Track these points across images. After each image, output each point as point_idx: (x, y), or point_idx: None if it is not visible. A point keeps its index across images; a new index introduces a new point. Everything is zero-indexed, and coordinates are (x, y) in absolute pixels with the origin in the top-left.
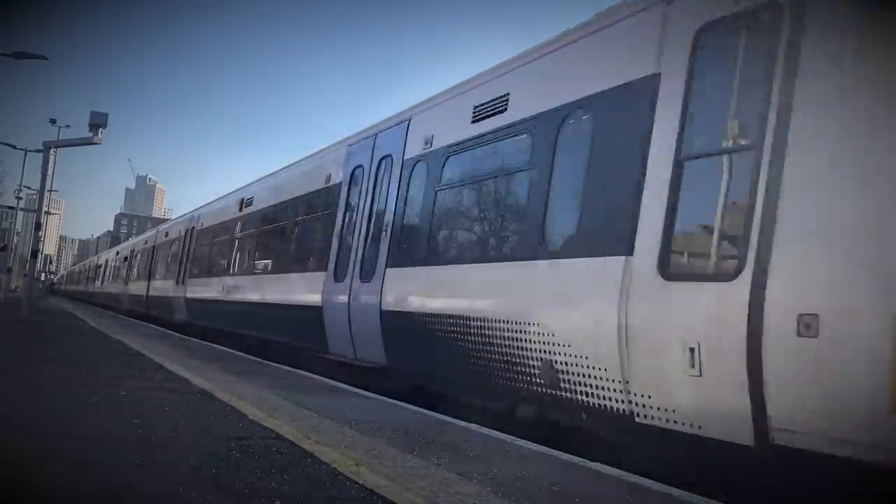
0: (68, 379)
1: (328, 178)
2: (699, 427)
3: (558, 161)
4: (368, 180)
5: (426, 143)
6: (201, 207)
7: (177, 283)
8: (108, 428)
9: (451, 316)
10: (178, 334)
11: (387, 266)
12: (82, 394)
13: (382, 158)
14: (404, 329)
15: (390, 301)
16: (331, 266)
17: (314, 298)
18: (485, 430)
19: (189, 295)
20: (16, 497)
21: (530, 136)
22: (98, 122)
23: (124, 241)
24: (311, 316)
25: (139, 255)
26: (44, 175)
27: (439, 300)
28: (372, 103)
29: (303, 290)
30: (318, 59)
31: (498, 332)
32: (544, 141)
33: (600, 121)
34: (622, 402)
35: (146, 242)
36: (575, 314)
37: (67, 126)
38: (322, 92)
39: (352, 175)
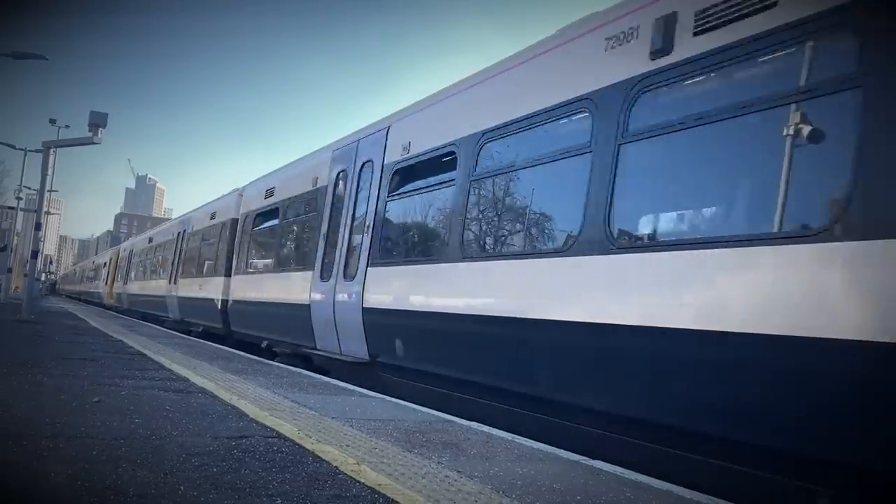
0: (69, 379)
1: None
2: None
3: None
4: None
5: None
6: (124, 242)
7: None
8: (110, 427)
9: (196, 298)
10: (178, 334)
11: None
12: (83, 393)
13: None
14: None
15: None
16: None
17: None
18: (486, 429)
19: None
20: (16, 496)
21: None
22: (98, 122)
23: (123, 241)
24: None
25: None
26: (44, 175)
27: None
28: (372, 102)
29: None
30: (318, 59)
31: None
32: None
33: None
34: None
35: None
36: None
37: (67, 126)
38: (322, 91)
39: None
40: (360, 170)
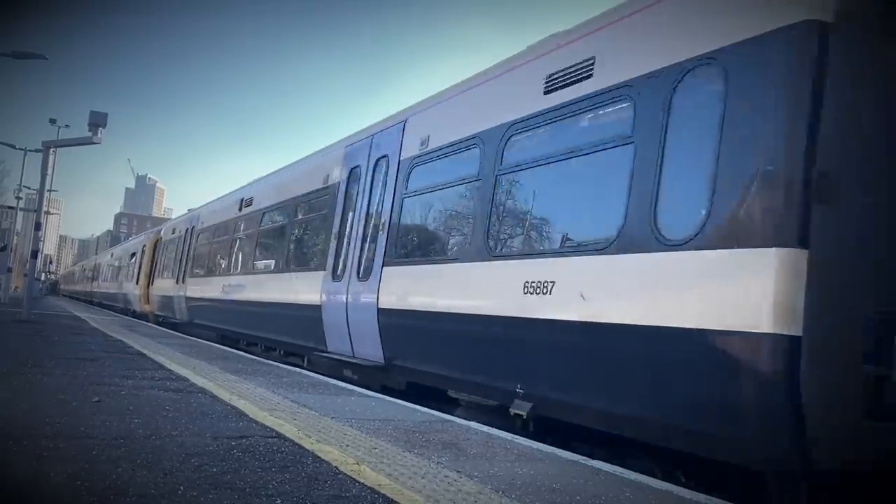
0: (69, 379)
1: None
2: None
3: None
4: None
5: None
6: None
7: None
8: (109, 427)
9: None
10: (178, 334)
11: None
12: (83, 393)
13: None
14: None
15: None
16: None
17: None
18: (485, 429)
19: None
20: (16, 496)
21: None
22: (97, 122)
23: (123, 241)
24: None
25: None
26: (43, 175)
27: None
28: (372, 102)
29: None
30: (318, 58)
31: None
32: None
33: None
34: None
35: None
36: None
37: (67, 126)
38: (322, 91)
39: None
40: None
